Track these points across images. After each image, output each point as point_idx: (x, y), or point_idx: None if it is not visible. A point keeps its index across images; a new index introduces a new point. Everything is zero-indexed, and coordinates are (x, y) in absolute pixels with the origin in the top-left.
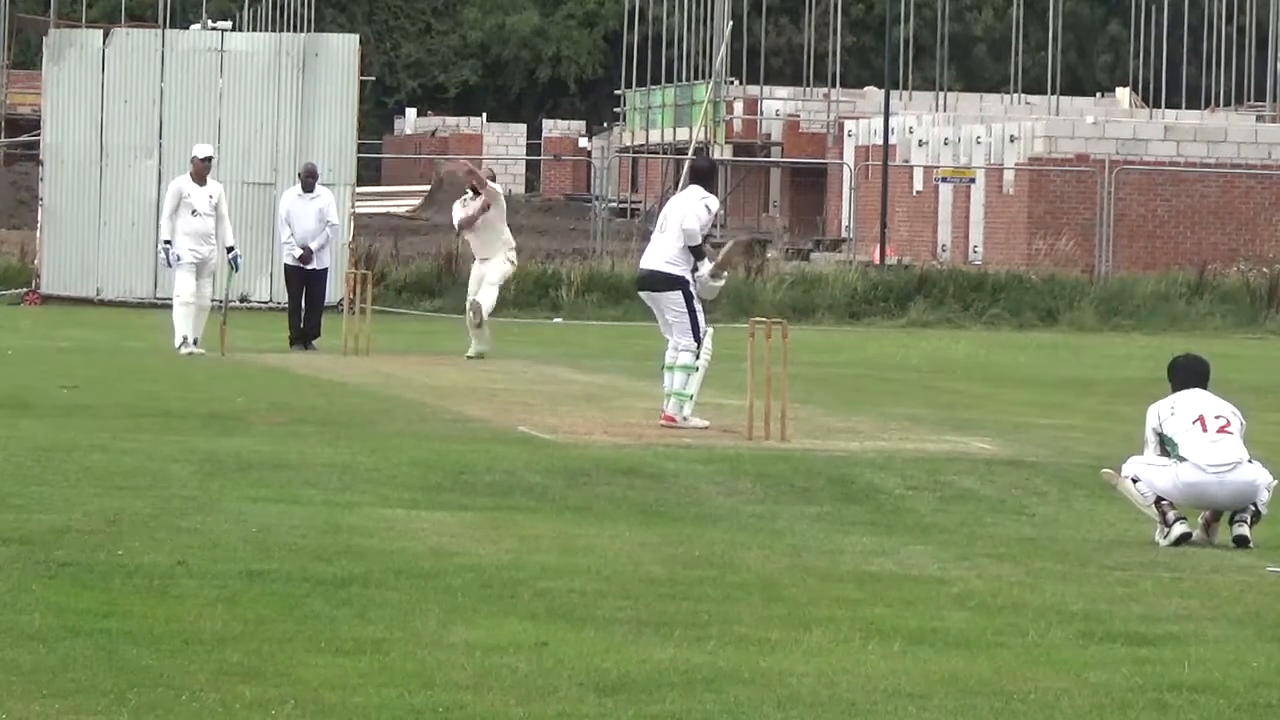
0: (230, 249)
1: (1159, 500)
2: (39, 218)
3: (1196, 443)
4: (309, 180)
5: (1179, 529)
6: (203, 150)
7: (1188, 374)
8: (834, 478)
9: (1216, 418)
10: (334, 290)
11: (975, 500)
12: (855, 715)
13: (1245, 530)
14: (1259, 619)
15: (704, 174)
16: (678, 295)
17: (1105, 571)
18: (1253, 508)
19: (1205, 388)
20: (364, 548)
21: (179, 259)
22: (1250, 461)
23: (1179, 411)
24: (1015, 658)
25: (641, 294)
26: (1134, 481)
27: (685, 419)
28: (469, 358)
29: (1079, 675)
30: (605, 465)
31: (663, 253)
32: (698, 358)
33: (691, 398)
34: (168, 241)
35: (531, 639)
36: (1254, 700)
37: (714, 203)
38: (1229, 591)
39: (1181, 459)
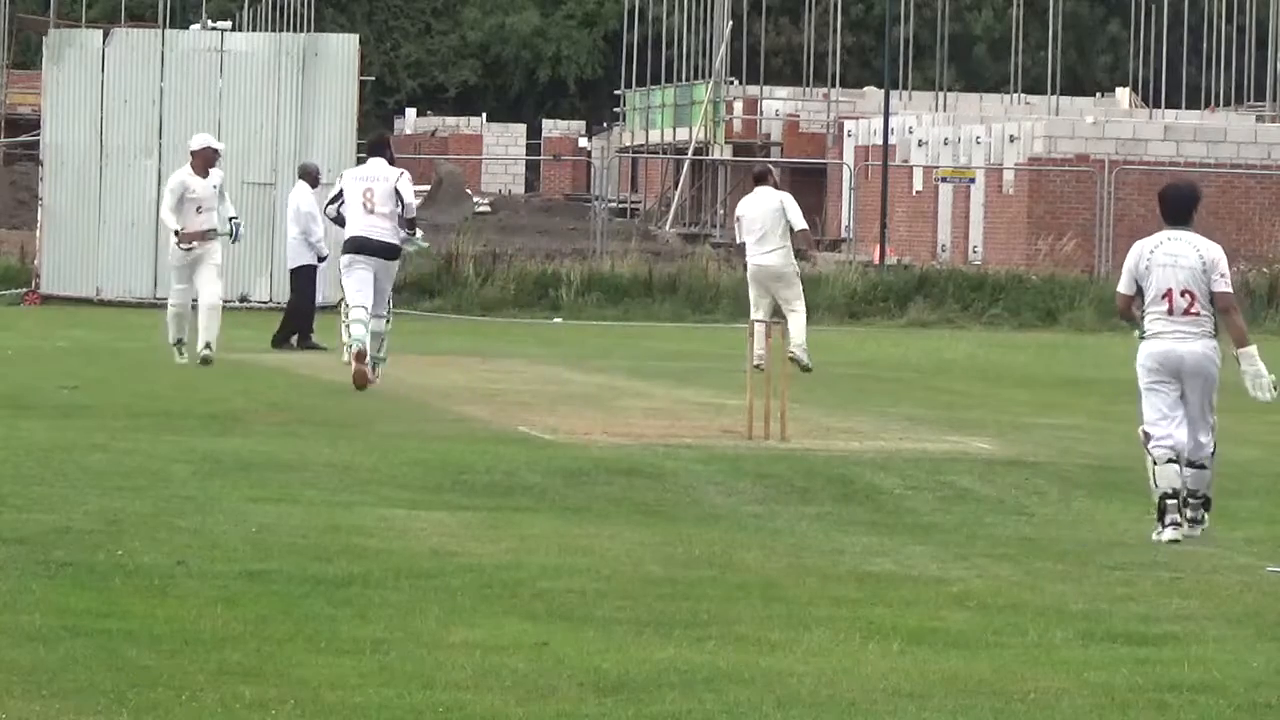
0: (233, 218)
1: (1164, 497)
2: (39, 218)
3: (1160, 325)
4: (319, 178)
5: (1169, 534)
6: (212, 141)
7: (1173, 207)
8: (834, 478)
9: (1183, 294)
10: (326, 290)
11: (975, 500)
12: (855, 715)
13: (1197, 530)
14: (1259, 619)
15: (381, 147)
16: (397, 264)
17: (1105, 571)
18: (1202, 496)
19: (1190, 220)
20: (364, 548)
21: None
22: (1214, 337)
23: (1154, 274)
24: (1015, 658)
25: (368, 258)
26: (1154, 463)
27: (378, 377)
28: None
29: (1079, 675)
30: (605, 465)
31: (388, 226)
32: (387, 323)
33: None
34: (178, 231)
35: (531, 639)
36: (1254, 700)
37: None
38: (1229, 591)
39: (1143, 331)
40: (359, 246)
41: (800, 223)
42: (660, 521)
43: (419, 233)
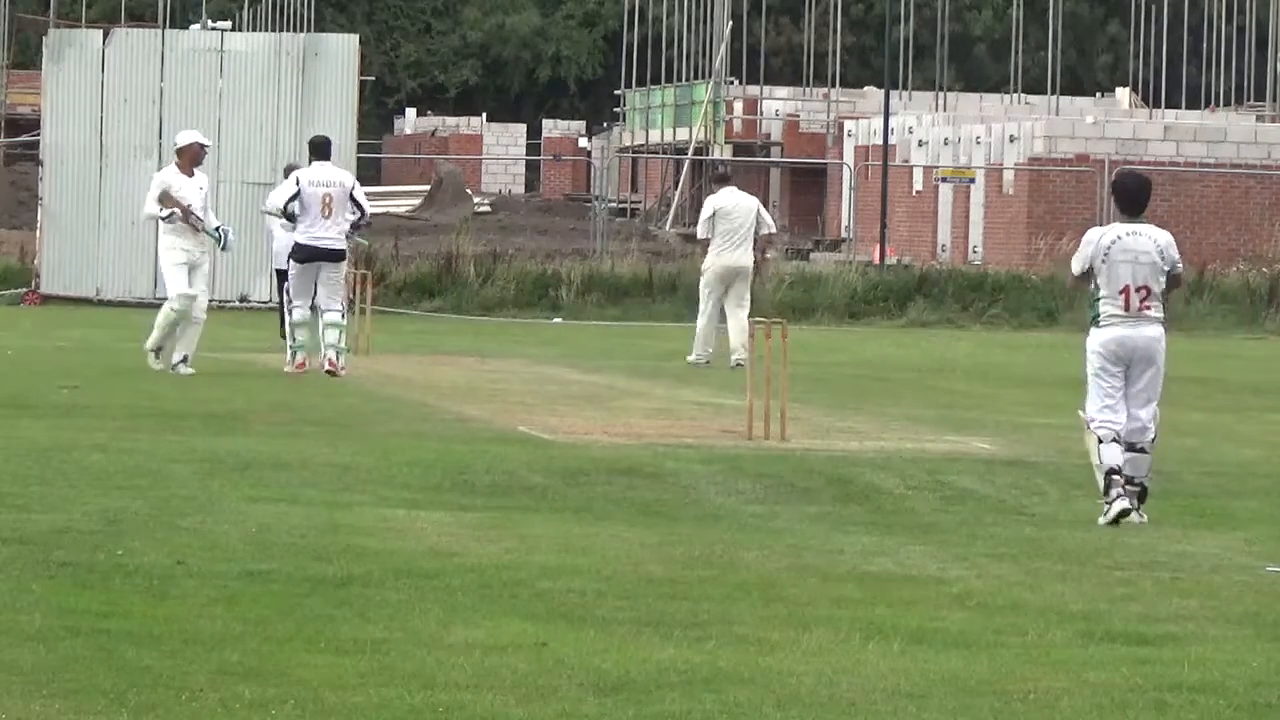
0: (219, 227)
1: (1110, 472)
2: (39, 218)
3: (1116, 318)
4: None
5: (1119, 505)
6: (200, 137)
7: (1129, 199)
8: (834, 478)
9: (1139, 290)
10: None
11: (975, 500)
12: (855, 715)
13: (1133, 517)
14: (1259, 619)
15: (326, 149)
16: (345, 264)
17: (1105, 571)
18: (1139, 485)
19: (1144, 209)
20: (364, 548)
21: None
22: (1164, 324)
23: (1110, 267)
24: (1015, 658)
25: (319, 264)
26: (1099, 441)
27: (344, 367)
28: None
29: (1079, 675)
30: (605, 465)
31: (339, 232)
32: (343, 317)
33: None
34: (173, 211)
35: (531, 639)
36: (1254, 700)
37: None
38: (1229, 591)
39: (1098, 316)
40: (311, 255)
41: (774, 226)
42: (660, 521)
43: (360, 230)
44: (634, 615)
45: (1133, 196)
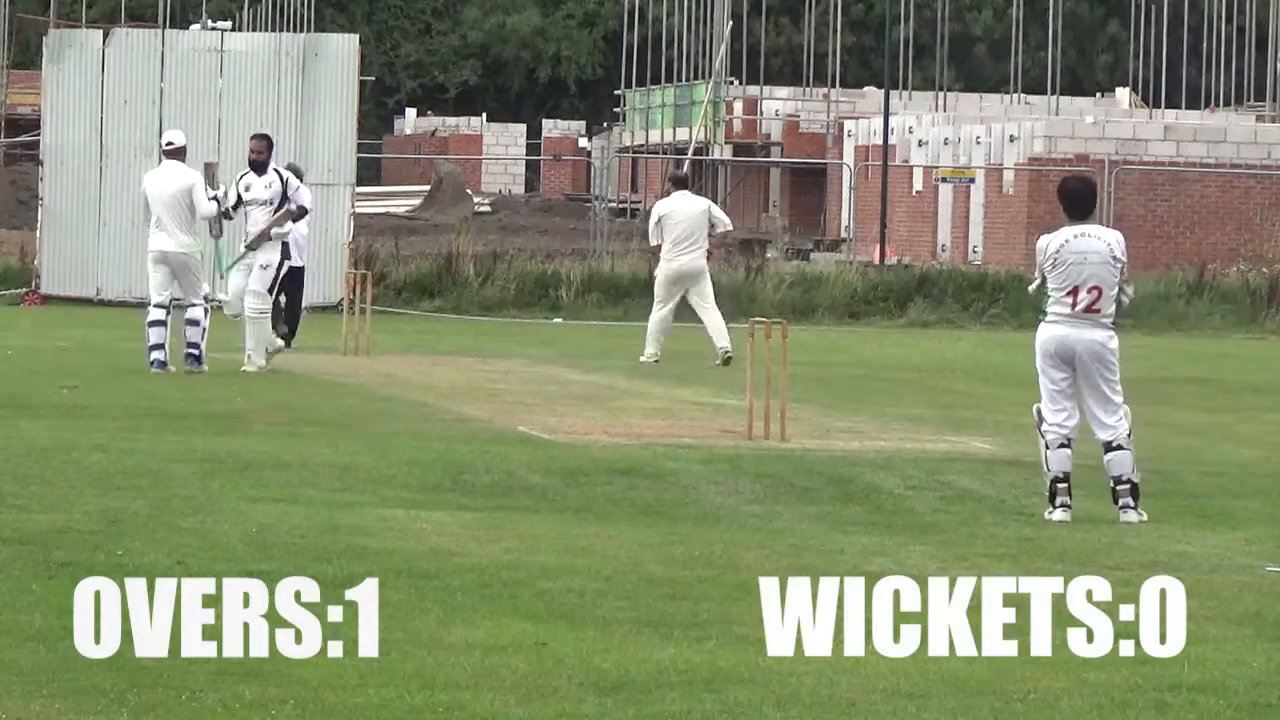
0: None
1: (1055, 480)
2: (39, 218)
3: (1061, 316)
4: (303, 178)
5: (1059, 516)
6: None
7: (1075, 202)
8: (834, 478)
9: (1090, 290)
10: (326, 290)
11: (975, 500)
12: (855, 715)
13: (1132, 515)
14: (1259, 619)
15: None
16: None
17: (1105, 571)
18: (1128, 482)
19: (1091, 211)
20: (364, 548)
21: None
22: (1112, 323)
23: (1059, 270)
24: (1015, 658)
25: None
26: (1046, 446)
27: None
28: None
29: (1079, 675)
30: (605, 465)
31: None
32: None
33: None
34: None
35: (531, 639)
36: (1254, 700)
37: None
38: (1229, 591)
39: (1045, 314)
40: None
41: (729, 223)
42: (660, 521)
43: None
44: (634, 615)
45: (1078, 199)
